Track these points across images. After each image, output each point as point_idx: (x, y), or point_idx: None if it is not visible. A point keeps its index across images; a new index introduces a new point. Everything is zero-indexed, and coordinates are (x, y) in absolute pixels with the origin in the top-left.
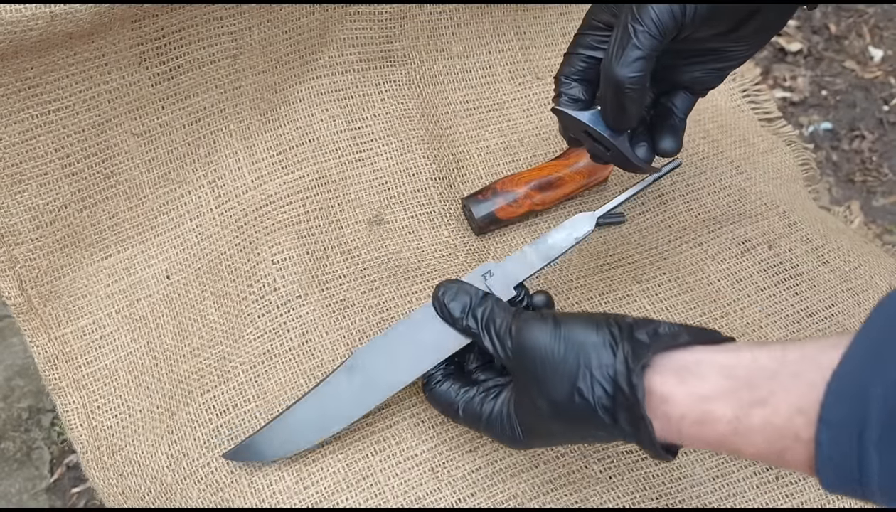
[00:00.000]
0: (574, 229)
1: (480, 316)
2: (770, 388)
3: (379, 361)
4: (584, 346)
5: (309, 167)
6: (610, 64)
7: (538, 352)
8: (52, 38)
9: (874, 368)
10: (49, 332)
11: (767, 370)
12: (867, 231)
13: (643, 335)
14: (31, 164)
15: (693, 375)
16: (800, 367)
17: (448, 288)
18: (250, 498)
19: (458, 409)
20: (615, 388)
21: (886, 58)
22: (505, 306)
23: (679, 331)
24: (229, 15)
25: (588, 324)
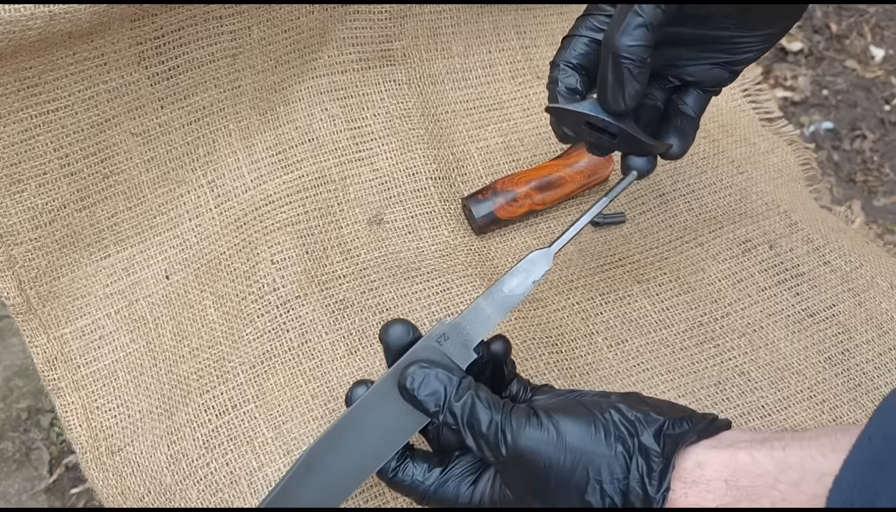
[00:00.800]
0: (531, 272)
1: (460, 414)
2: (771, 499)
3: (340, 453)
4: (593, 457)
5: (308, 167)
6: (611, 34)
7: (540, 465)
8: (51, 38)
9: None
10: (48, 332)
11: (768, 477)
12: (868, 231)
13: (650, 440)
14: (29, 163)
15: (697, 484)
16: (800, 474)
17: (415, 375)
18: (250, 499)
19: (428, 494)
20: (626, 501)
21: (888, 57)
22: (487, 399)
23: (684, 431)
24: (228, 14)
25: (592, 427)
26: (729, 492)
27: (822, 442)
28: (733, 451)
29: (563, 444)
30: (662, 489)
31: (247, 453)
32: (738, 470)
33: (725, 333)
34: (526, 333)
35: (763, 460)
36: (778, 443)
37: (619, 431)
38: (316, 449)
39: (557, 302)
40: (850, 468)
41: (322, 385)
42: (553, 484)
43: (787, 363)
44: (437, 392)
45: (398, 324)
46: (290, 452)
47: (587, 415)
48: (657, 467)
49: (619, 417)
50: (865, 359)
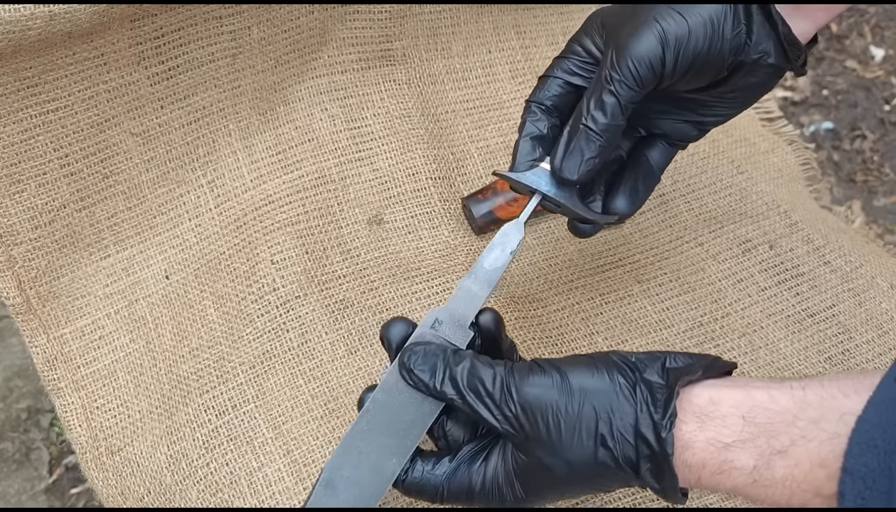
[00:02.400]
0: (506, 244)
1: (461, 379)
2: (790, 436)
3: (359, 464)
4: (598, 394)
5: (308, 167)
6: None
7: (548, 411)
8: (51, 38)
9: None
10: (48, 332)
11: (787, 414)
12: (868, 231)
13: (653, 375)
14: (29, 163)
15: (712, 419)
16: (820, 412)
17: (413, 353)
18: (250, 499)
19: (443, 490)
20: (637, 437)
21: (888, 57)
22: (487, 361)
23: (690, 365)
24: (228, 14)
25: (594, 368)
26: (746, 428)
27: (843, 383)
28: (750, 389)
29: (568, 386)
30: (669, 414)
31: (247, 453)
32: (756, 407)
33: (726, 333)
34: (526, 333)
35: (781, 398)
36: (797, 383)
37: (622, 369)
38: (334, 464)
39: (558, 302)
40: (874, 408)
41: (322, 385)
42: (564, 431)
43: (788, 363)
44: (434, 364)
45: (398, 321)
46: (289, 451)
47: (588, 360)
48: (661, 397)
49: (619, 358)
50: (866, 359)
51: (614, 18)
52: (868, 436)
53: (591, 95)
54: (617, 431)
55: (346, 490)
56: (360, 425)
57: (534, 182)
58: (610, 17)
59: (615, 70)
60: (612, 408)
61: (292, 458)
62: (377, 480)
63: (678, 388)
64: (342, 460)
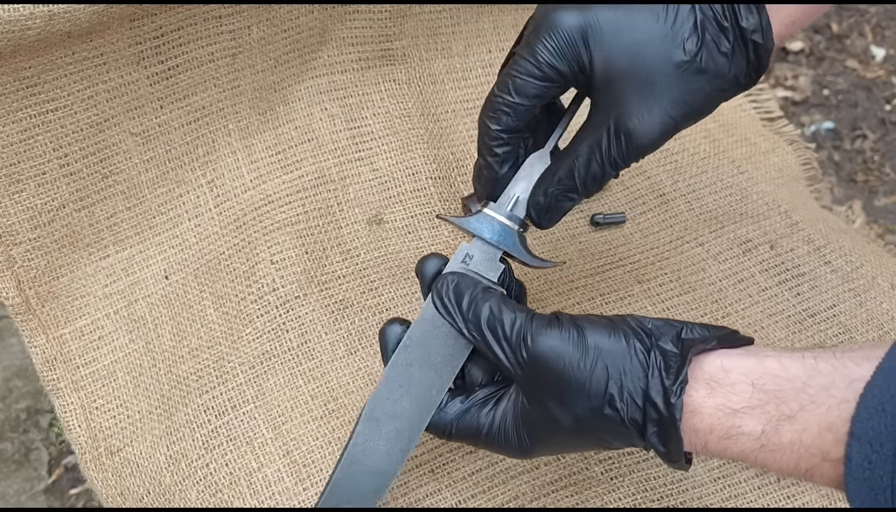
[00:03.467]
0: (532, 176)
1: (485, 315)
2: (799, 402)
3: (399, 400)
4: (612, 355)
5: (308, 167)
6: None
7: (561, 364)
8: (51, 38)
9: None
10: (47, 332)
11: (797, 381)
12: (869, 231)
13: (668, 344)
14: (28, 163)
15: (722, 385)
16: (830, 379)
17: (445, 282)
18: (249, 499)
19: (452, 428)
20: (646, 401)
21: (888, 57)
22: (512, 305)
23: (706, 337)
24: (228, 14)
25: (612, 330)
26: (755, 394)
27: (855, 353)
28: (761, 357)
29: (584, 343)
30: (679, 381)
31: (246, 454)
32: (766, 374)
33: None
34: None
35: (792, 366)
36: (809, 353)
37: (639, 334)
38: (377, 399)
39: (558, 302)
40: (882, 374)
41: (322, 385)
42: (574, 385)
43: None
44: (462, 294)
45: (433, 256)
46: (289, 452)
47: (607, 322)
48: (675, 364)
49: (637, 323)
50: None
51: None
52: (876, 400)
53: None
54: (627, 392)
55: (388, 423)
56: (399, 359)
57: (476, 229)
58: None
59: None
60: (623, 369)
61: (292, 458)
62: (418, 413)
63: (691, 355)
64: (385, 395)
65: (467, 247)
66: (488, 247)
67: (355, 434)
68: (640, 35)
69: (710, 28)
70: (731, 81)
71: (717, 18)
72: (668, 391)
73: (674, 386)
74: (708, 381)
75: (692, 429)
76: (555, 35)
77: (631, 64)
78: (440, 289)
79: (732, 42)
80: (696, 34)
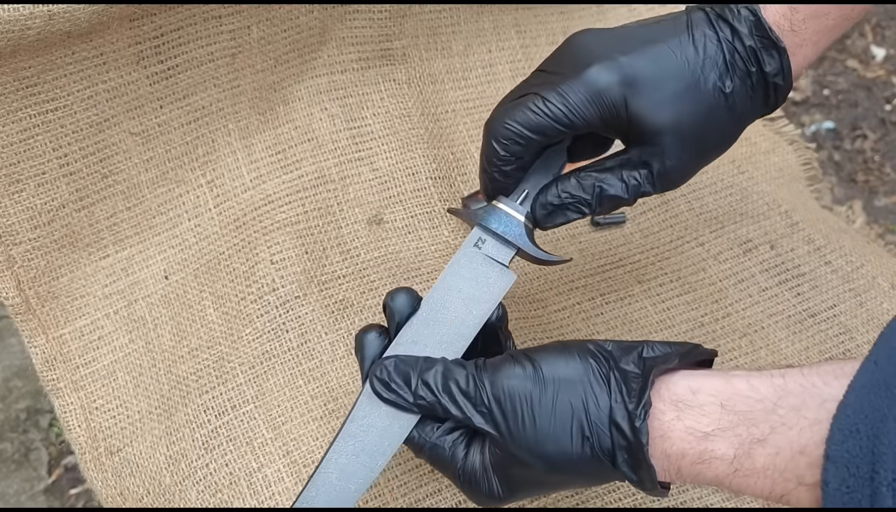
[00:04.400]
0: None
1: (434, 382)
2: (770, 424)
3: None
4: (571, 384)
5: (308, 166)
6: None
7: (523, 403)
8: (50, 38)
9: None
10: (47, 332)
11: (767, 402)
12: (869, 231)
13: (629, 364)
14: (28, 163)
15: (691, 407)
16: (801, 399)
17: (381, 365)
18: (249, 499)
19: (425, 447)
20: (612, 427)
21: (889, 57)
22: (458, 362)
23: (667, 354)
24: (228, 14)
25: (567, 357)
26: (725, 416)
27: (824, 370)
28: (729, 377)
29: (541, 376)
30: (642, 404)
31: (246, 454)
32: (735, 395)
33: (727, 333)
34: (527, 334)
35: (761, 387)
36: (777, 372)
37: (596, 358)
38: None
39: (558, 302)
40: (854, 393)
41: (322, 386)
42: (539, 424)
43: (789, 364)
44: (405, 375)
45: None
46: (289, 452)
47: (563, 348)
48: (636, 386)
49: (596, 347)
50: None
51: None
52: (850, 421)
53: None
54: (593, 421)
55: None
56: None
57: (485, 220)
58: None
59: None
60: (585, 398)
61: (292, 458)
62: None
63: (653, 377)
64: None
65: (480, 231)
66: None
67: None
68: (676, 86)
69: (737, 71)
70: (751, 116)
71: (744, 63)
72: (632, 415)
73: (637, 409)
74: (675, 402)
75: (663, 454)
76: (591, 89)
77: (668, 115)
78: (380, 376)
79: (755, 83)
80: (725, 78)
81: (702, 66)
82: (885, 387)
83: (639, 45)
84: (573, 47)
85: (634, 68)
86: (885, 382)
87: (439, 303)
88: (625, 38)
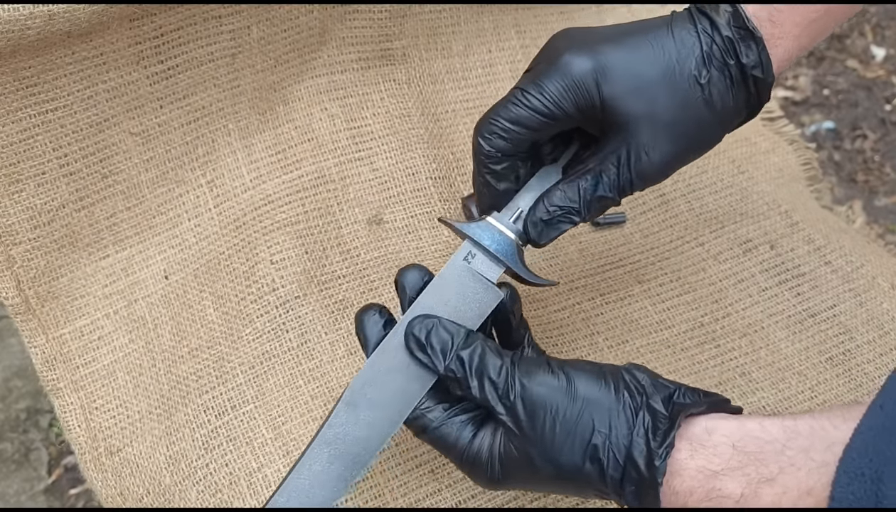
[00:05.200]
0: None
1: (469, 360)
2: (779, 464)
3: (383, 387)
4: (600, 407)
5: (308, 167)
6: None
7: (547, 411)
8: (50, 37)
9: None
10: (47, 332)
11: (776, 443)
12: (869, 231)
13: (659, 404)
14: (28, 163)
15: (705, 447)
16: (810, 441)
17: (423, 323)
18: (249, 499)
19: (429, 428)
20: (627, 461)
21: (889, 57)
22: (496, 348)
23: (695, 402)
24: (228, 14)
25: (602, 380)
26: (735, 456)
27: (833, 414)
28: (743, 420)
29: (573, 391)
30: (665, 444)
31: (246, 454)
32: (747, 436)
33: (726, 333)
34: None
35: (772, 428)
36: (790, 416)
37: (630, 389)
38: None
39: (558, 302)
40: (860, 436)
41: (322, 386)
42: (558, 433)
43: (789, 364)
44: (444, 341)
45: (413, 269)
46: (289, 452)
47: (599, 371)
48: (662, 427)
49: (631, 378)
50: (867, 359)
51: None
52: (855, 465)
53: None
54: (609, 448)
55: (366, 411)
56: (389, 343)
57: (476, 235)
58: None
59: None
60: (610, 423)
61: (292, 458)
62: (399, 403)
63: (680, 419)
64: (368, 378)
65: (471, 245)
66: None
67: (333, 415)
68: (650, 73)
69: (714, 62)
70: (733, 114)
71: (721, 54)
72: (652, 453)
73: (660, 448)
74: (691, 441)
75: (672, 490)
76: (566, 77)
77: (642, 103)
78: (417, 334)
79: (734, 76)
80: (702, 68)
81: (678, 55)
82: (890, 431)
83: (616, 36)
84: (553, 43)
85: (608, 56)
86: (890, 426)
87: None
88: (604, 31)
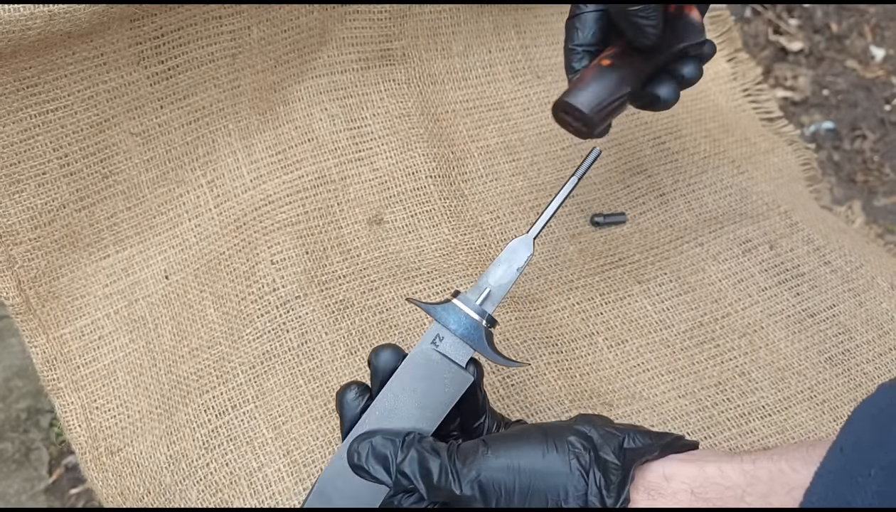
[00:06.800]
0: (513, 260)
1: (411, 471)
2: None
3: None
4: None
5: (308, 167)
6: None
7: (497, 494)
8: (51, 38)
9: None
10: (47, 332)
11: (737, 489)
12: (869, 231)
13: (610, 454)
14: (29, 163)
15: (663, 495)
16: (769, 487)
17: (359, 447)
18: (250, 499)
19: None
20: None
21: (888, 57)
22: (431, 446)
23: (648, 445)
24: (228, 14)
25: (545, 447)
26: (695, 503)
27: (791, 456)
28: (701, 464)
29: (516, 468)
30: (621, 500)
31: (246, 454)
32: (706, 482)
33: (726, 333)
34: (526, 333)
35: (732, 473)
36: (748, 457)
37: (575, 448)
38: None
39: (557, 302)
40: (820, 480)
41: (322, 385)
42: (516, 506)
43: (788, 363)
44: (383, 458)
45: (386, 350)
46: (289, 452)
47: (540, 437)
48: (616, 479)
49: (575, 436)
50: (866, 359)
51: None
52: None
53: None
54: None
55: (339, 500)
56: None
57: (442, 318)
58: None
59: None
60: (562, 489)
61: (292, 458)
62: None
63: (634, 469)
64: (339, 469)
65: (437, 328)
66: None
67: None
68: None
69: None
70: None
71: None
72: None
73: (616, 503)
74: (648, 489)
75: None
76: None
77: None
78: (358, 462)
79: None
80: None
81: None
82: (849, 475)
83: None
84: None
85: None
86: (850, 470)
87: (393, 403)
88: None
